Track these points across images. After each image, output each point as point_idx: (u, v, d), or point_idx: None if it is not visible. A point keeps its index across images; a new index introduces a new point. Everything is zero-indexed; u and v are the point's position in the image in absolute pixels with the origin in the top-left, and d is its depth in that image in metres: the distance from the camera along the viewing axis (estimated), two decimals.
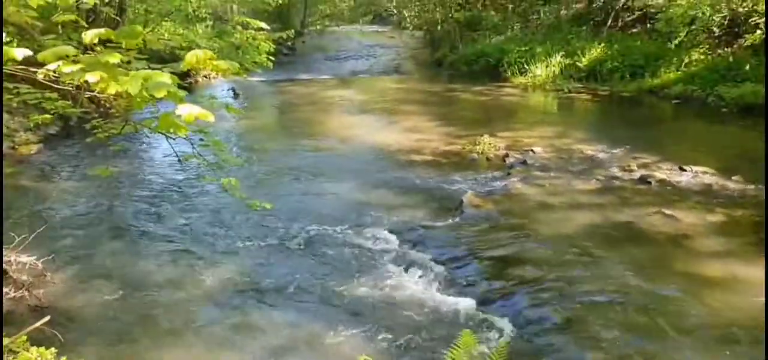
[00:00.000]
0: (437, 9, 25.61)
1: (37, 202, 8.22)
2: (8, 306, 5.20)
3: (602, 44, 17.85)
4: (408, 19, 30.61)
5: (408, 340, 4.88)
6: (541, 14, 22.55)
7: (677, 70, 15.08)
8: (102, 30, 2.64)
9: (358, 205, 7.94)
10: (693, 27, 15.49)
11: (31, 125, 10.78)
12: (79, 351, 4.32)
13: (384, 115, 14.83)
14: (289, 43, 26.26)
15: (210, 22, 24.64)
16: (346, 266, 6.26)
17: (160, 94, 2.37)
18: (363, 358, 3.29)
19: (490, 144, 10.32)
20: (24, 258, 5.76)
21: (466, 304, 5.41)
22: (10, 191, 8.57)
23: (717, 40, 15.35)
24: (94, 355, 4.58)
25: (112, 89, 2.41)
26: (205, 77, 18.87)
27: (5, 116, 10.67)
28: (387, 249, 6.60)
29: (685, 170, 8.58)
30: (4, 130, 10.36)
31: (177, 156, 4.88)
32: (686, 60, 15.17)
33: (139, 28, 2.78)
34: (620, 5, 19.62)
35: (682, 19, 15.50)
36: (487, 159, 9.89)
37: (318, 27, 34.11)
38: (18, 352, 3.74)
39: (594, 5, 21.18)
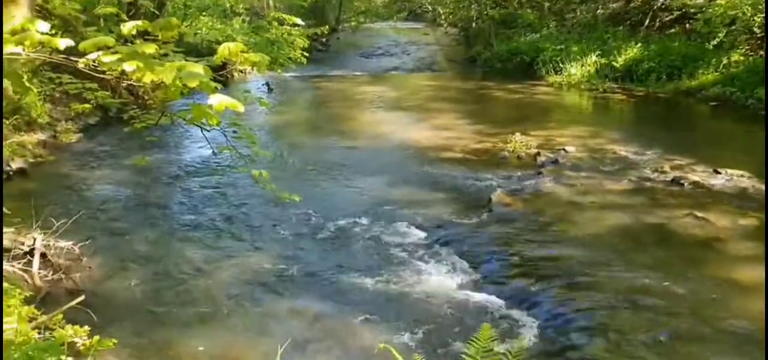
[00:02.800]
0: (472, 6, 25.50)
1: (75, 188, 8.46)
2: (46, 288, 5.39)
3: (639, 44, 17.60)
4: (442, 16, 30.54)
5: (430, 334, 4.93)
6: (578, 13, 22.32)
7: (716, 72, 14.79)
8: (139, 22, 2.74)
9: (386, 200, 8.00)
10: (733, 27, 15.17)
11: (72, 114, 11.09)
12: (111, 331, 4.45)
13: (416, 111, 14.85)
14: (324, 40, 26.43)
15: (247, 18, 24.95)
16: (372, 259, 6.34)
17: (192, 84, 2.46)
18: (383, 346, 3.34)
19: (521, 142, 10.29)
20: (62, 243, 5.96)
21: (491, 301, 5.44)
22: (50, 178, 8.84)
23: (758, 41, 15.03)
24: (125, 335, 4.72)
25: (148, 78, 2.51)
26: (241, 72, 19.07)
27: (48, 106, 10.98)
28: (414, 244, 6.65)
29: (720, 173, 8.45)
30: (47, 119, 10.66)
31: (211, 147, 5.00)
32: (725, 61, 14.88)
33: (175, 20, 2.87)
34: (658, 5, 19.32)
35: (722, 19, 15.17)
36: (518, 157, 9.86)
37: (352, 23, 34.19)
38: (54, 329, 3.90)
39: (631, 5, 20.89)
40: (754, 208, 7.33)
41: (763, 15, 14.40)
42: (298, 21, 12.17)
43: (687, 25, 17.84)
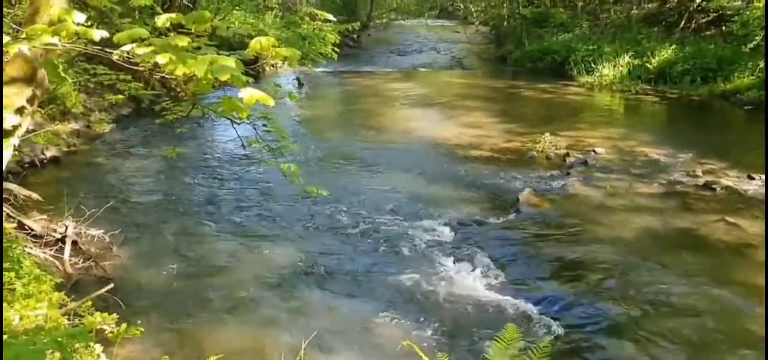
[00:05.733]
0: (504, 4, 25.37)
1: (107, 178, 8.60)
2: (77, 275, 5.50)
3: (673, 46, 17.33)
4: (474, 14, 30.43)
5: (454, 332, 4.93)
6: (611, 13, 22.06)
7: (752, 75, 14.51)
8: (173, 14, 2.78)
9: (414, 197, 8.00)
10: None
11: (106, 105, 11.28)
12: (139, 319, 4.53)
13: (445, 109, 14.82)
14: (355, 36, 26.49)
15: (279, 13, 25.09)
16: (398, 256, 6.34)
17: (223, 77, 2.48)
18: (407, 344, 3.35)
19: (550, 143, 10.20)
20: (93, 231, 6.07)
21: (516, 301, 5.41)
22: (83, 167, 9.00)
23: None
24: (152, 324, 4.80)
25: (180, 71, 2.54)
26: (272, 66, 19.20)
27: (82, 96, 11.17)
28: (440, 242, 6.65)
29: (754, 179, 8.30)
30: (81, 109, 10.85)
31: (241, 140, 5.04)
32: (761, 65, 14.60)
33: (208, 13, 2.90)
34: (694, 6, 19.01)
35: (759, 21, 14.89)
36: (547, 158, 9.78)
37: (384, 20, 34.24)
38: (83, 316, 3.97)
39: (667, 6, 20.59)
40: None
41: None
42: (330, 17, 12.22)
43: (723, 28, 17.52)
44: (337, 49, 13.77)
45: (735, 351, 4.62)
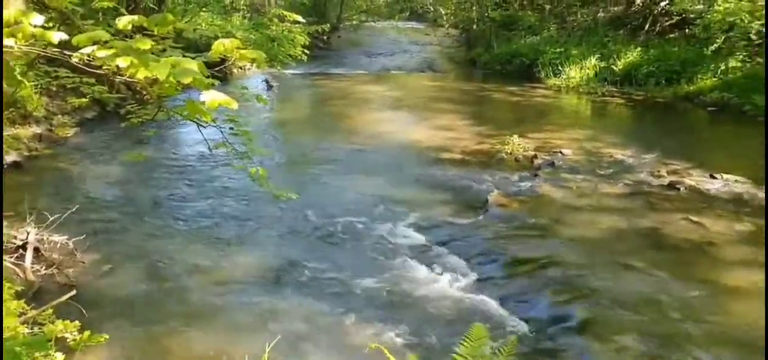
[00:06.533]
0: (473, 7, 25.52)
1: (71, 183, 8.45)
2: (39, 282, 5.38)
3: (639, 48, 17.63)
4: (444, 17, 30.59)
5: (424, 333, 4.93)
6: (578, 16, 22.34)
7: (714, 77, 14.83)
8: (135, 17, 2.74)
9: (384, 199, 7.99)
10: (731, 34, 15.19)
11: (69, 108, 11.08)
12: (103, 327, 4.45)
13: (415, 112, 14.86)
14: (325, 37, 26.45)
15: (247, 14, 24.94)
16: (368, 259, 6.34)
17: (186, 80, 2.45)
18: (375, 346, 3.34)
19: (519, 144, 10.28)
20: (56, 237, 5.95)
21: (485, 301, 5.44)
22: (45, 172, 8.83)
23: (755, 48, 15.04)
24: (117, 331, 4.71)
25: (142, 74, 2.50)
26: (241, 69, 19.10)
27: (44, 100, 10.96)
28: (409, 243, 6.66)
29: (716, 178, 8.46)
30: (43, 113, 10.65)
31: (207, 144, 4.99)
32: (723, 67, 14.91)
33: (171, 16, 2.86)
34: (659, 10, 19.34)
35: (720, 25, 15.22)
36: (516, 159, 9.86)
37: (354, 22, 34.22)
38: (44, 324, 3.89)
39: (632, 9, 20.91)
40: (749, 213, 7.34)
41: (760, 22, 14.42)
42: (299, 18, 12.19)
43: (687, 31, 17.85)
44: (306, 51, 13.76)
45: (699, 344, 4.70)
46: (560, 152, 9.99)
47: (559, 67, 18.31)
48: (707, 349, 4.66)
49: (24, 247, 5.67)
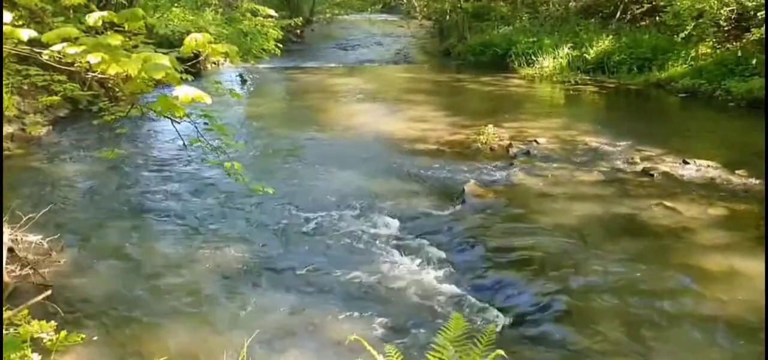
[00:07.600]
0: None
1: (44, 182, 8.33)
2: (13, 283, 5.31)
3: (610, 36, 17.81)
4: (417, 8, 30.59)
5: (403, 324, 4.95)
6: (550, 5, 22.48)
7: (684, 64, 15.03)
8: (105, 13, 2.71)
9: (360, 191, 8.00)
10: (700, 20, 15.41)
11: (41, 107, 10.92)
12: (80, 326, 4.42)
13: (390, 103, 14.88)
14: (298, 31, 26.35)
15: (219, 9, 24.71)
16: (345, 251, 6.34)
17: (158, 75, 2.44)
18: (354, 338, 3.35)
19: (494, 134, 10.33)
20: (30, 237, 5.87)
21: (463, 291, 5.47)
22: (18, 172, 8.69)
23: (725, 34, 15.28)
24: (94, 330, 4.67)
25: (113, 70, 2.48)
26: (214, 64, 18.97)
27: (16, 98, 10.78)
28: (387, 235, 6.67)
29: (689, 163, 8.59)
30: (15, 112, 10.48)
31: (182, 139, 4.96)
32: (693, 53, 15.13)
33: (141, 11, 2.84)
34: None
35: (690, 12, 15.43)
36: (491, 149, 9.92)
37: (327, 15, 34.10)
38: (19, 325, 3.84)
39: None
40: (722, 197, 7.47)
41: (729, 8, 14.65)
42: (272, 12, 12.10)
43: (657, 18, 18.07)
44: (280, 45, 13.66)
45: (676, 326, 4.79)
46: (535, 141, 10.07)
47: (533, 57, 18.43)
48: (682, 332, 4.74)
49: None
